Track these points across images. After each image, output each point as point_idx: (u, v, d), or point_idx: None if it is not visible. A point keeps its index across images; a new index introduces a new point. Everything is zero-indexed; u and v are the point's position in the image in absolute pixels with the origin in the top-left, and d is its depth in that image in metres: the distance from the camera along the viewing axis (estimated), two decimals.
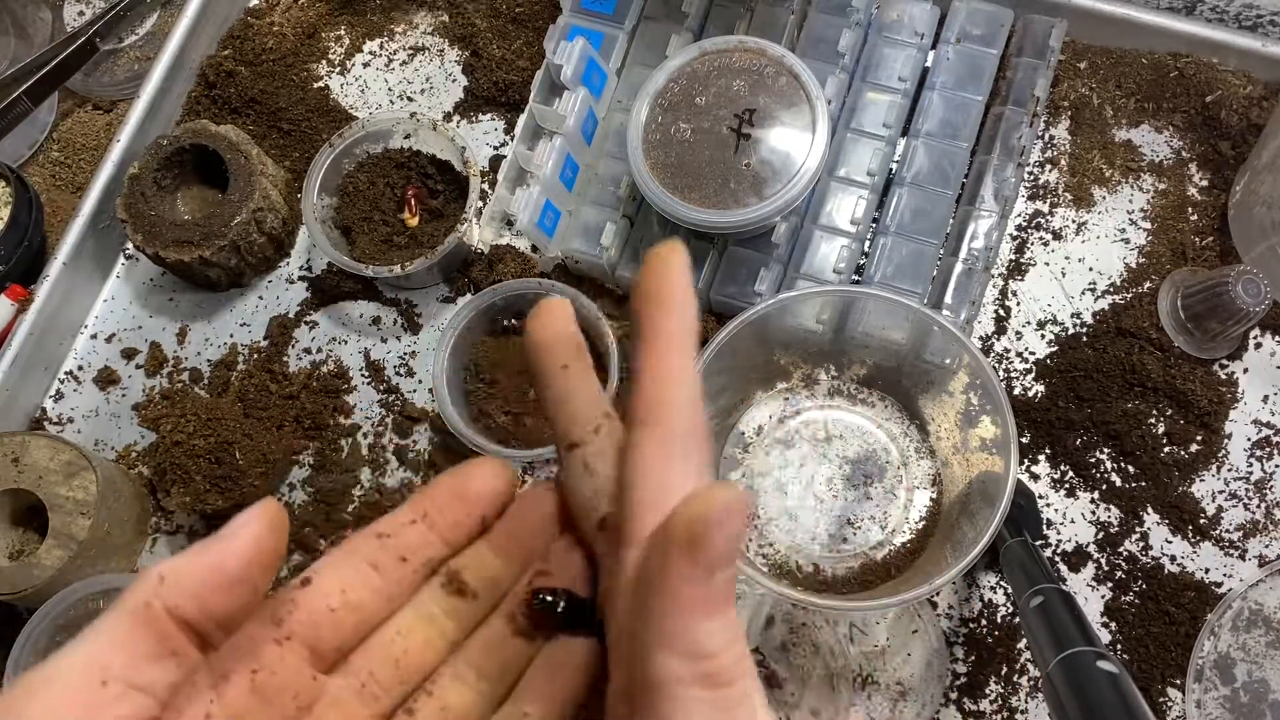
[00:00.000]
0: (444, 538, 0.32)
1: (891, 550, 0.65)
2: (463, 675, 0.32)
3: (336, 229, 0.74)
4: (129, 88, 0.83)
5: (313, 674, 0.30)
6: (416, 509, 0.32)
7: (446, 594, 0.32)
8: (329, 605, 0.30)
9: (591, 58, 0.70)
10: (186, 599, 0.27)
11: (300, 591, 0.30)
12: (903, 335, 0.63)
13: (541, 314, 0.33)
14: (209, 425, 0.66)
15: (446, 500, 0.32)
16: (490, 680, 0.32)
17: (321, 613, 0.30)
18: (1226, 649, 0.63)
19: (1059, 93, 0.73)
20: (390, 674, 0.32)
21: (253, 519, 0.28)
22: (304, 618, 0.30)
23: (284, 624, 0.30)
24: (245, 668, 0.29)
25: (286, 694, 0.30)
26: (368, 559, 0.31)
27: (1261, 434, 0.66)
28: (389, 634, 0.32)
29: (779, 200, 0.61)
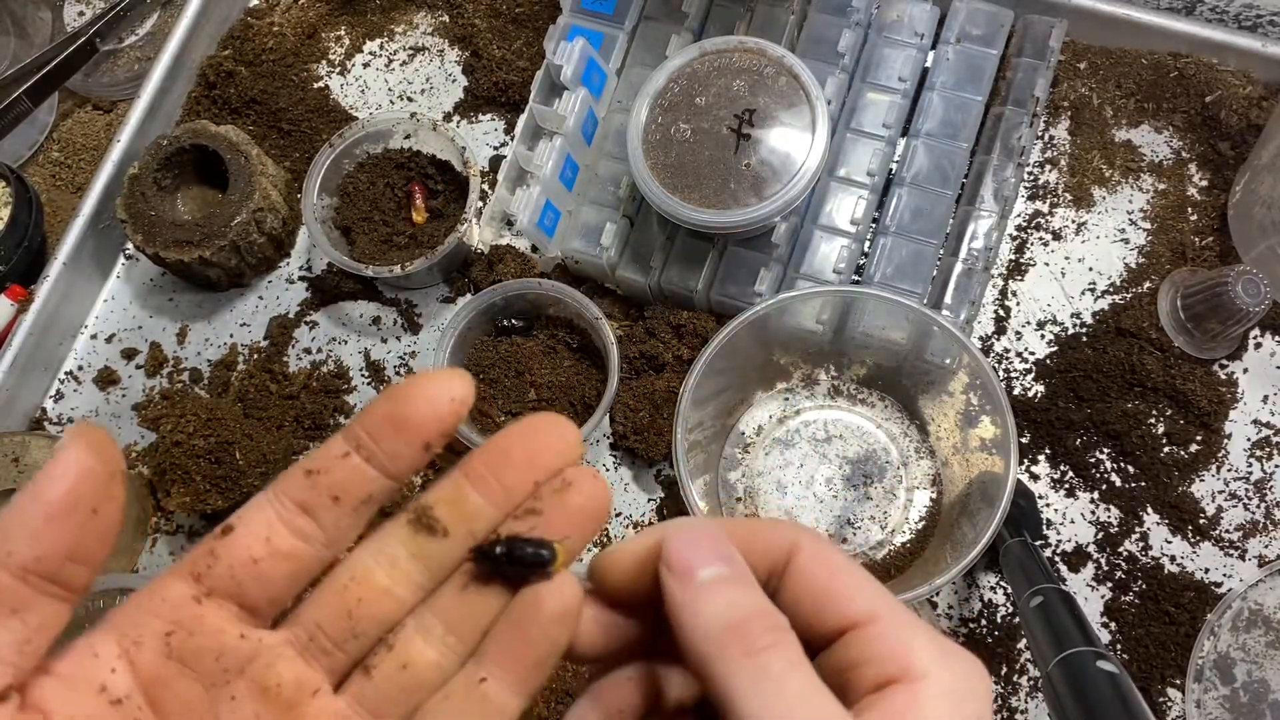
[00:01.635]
0: (383, 471, 0.28)
1: (891, 550, 0.65)
2: (428, 628, 0.28)
3: (336, 229, 0.74)
4: (129, 88, 0.83)
5: (240, 632, 0.27)
6: (350, 439, 0.28)
7: (413, 532, 0.28)
8: (252, 555, 0.27)
9: (591, 58, 0.70)
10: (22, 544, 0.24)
11: (220, 542, 0.27)
12: (903, 335, 0.63)
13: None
14: (209, 425, 0.66)
15: (382, 428, 0.27)
16: (460, 635, 0.28)
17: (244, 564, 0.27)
18: (1226, 649, 0.63)
19: (1059, 93, 0.73)
20: (342, 626, 0.28)
21: (68, 442, 0.25)
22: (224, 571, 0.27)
23: (202, 579, 0.27)
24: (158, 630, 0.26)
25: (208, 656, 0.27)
26: (296, 500, 0.28)
27: (1261, 434, 0.66)
28: (341, 580, 0.28)
29: (779, 200, 0.61)
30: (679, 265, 0.68)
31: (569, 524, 0.29)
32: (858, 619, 0.27)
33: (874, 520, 0.66)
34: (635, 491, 0.69)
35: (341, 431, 0.28)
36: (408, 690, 0.28)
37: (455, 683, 0.28)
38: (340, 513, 0.28)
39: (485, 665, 0.28)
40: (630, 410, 0.67)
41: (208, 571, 0.27)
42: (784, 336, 0.65)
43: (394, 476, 0.28)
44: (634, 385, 0.67)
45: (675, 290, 0.68)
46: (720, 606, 0.27)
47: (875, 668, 0.26)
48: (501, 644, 0.28)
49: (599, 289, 0.72)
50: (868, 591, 0.28)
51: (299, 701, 0.28)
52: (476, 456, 0.29)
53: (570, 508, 0.29)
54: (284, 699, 0.27)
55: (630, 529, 0.68)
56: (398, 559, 0.28)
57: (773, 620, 0.27)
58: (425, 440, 0.27)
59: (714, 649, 0.26)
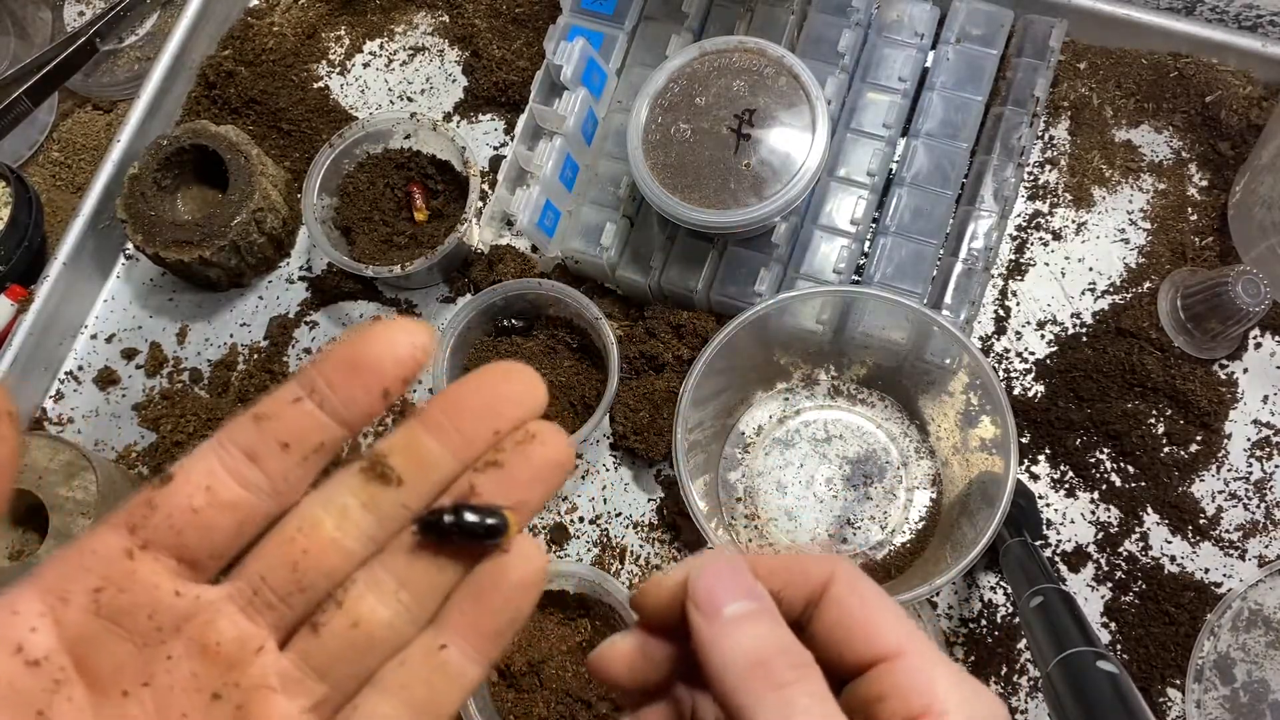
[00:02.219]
0: (337, 417, 0.26)
1: (891, 550, 0.65)
2: (380, 583, 0.27)
3: (336, 229, 0.74)
4: (129, 88, 0.83)
5: (176, 588, 0.25)
6: (304, 383, 0.26)
7: (365, 481, 0.26)
8: (192, 505, 0.25)
9: (591, 58, 0.70)
10: None
11: (158, 492, 0.25)
12: (903, 335, 0.63)
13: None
14: (209, 425, 0.66)
15: (338, 372, 0.26)
16: (415, 592, 0.27)
17: (184, 514, 0.25)
18: (1226, 649, 0.63)
19: (1059, 93, 0.73)
20: (287, 579, 0.26)
21: None
22: (162, 522, 0.25)
23: (138, 531, 0.25)
24: (86, 586, 0.25)
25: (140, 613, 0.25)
26: (243, 447, 0.26)
27: (1261, 434, 0.66)
28: (288, 531, 0.26)
29: (779, 200, 0.61)
30: (679, 265, 0.68)
31: (532, 477, 0.27)
32: (886, 652, 0.28)
33: (874, 520, 0.66)
34: (635, 491, 0.69)
35: (295, 375, 0.26)
36: (358, 649, 0.26)
37: (413, 648, 0.27)
38: (289, 461, 0.26)
39: (445, 632, 0.27)
40: (630, 410, 0.67)
41: (144, 522, 0.25)
42: (784, 336, 0.65)
43: (347, 424, 0.26)
44: (634, 385, 0.67)
45: (675, 290, 0.68)
46: (745, 642, 0.27)
47: (900, 702, 0.27)
48: (463, 612, 0.27)
49: (599, 289, 0.72)
50: (897, 626, 0.28)
51: (241, 660, 0.26)
52: (434, 403, 0.27)
53: (534, 460, 0.27)
54: (224, 657, 0.26)
55: (630, 529, 0.68)
56: (348, 509, 0.26)
57: (797, 656, 0.27)
58: (384, 385, 0.26)
59: (739, 683, 0.26)
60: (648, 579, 0.31)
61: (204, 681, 0.26)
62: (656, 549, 0.68)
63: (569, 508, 0.69)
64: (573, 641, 0.64)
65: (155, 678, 0.25)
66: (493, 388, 0.27)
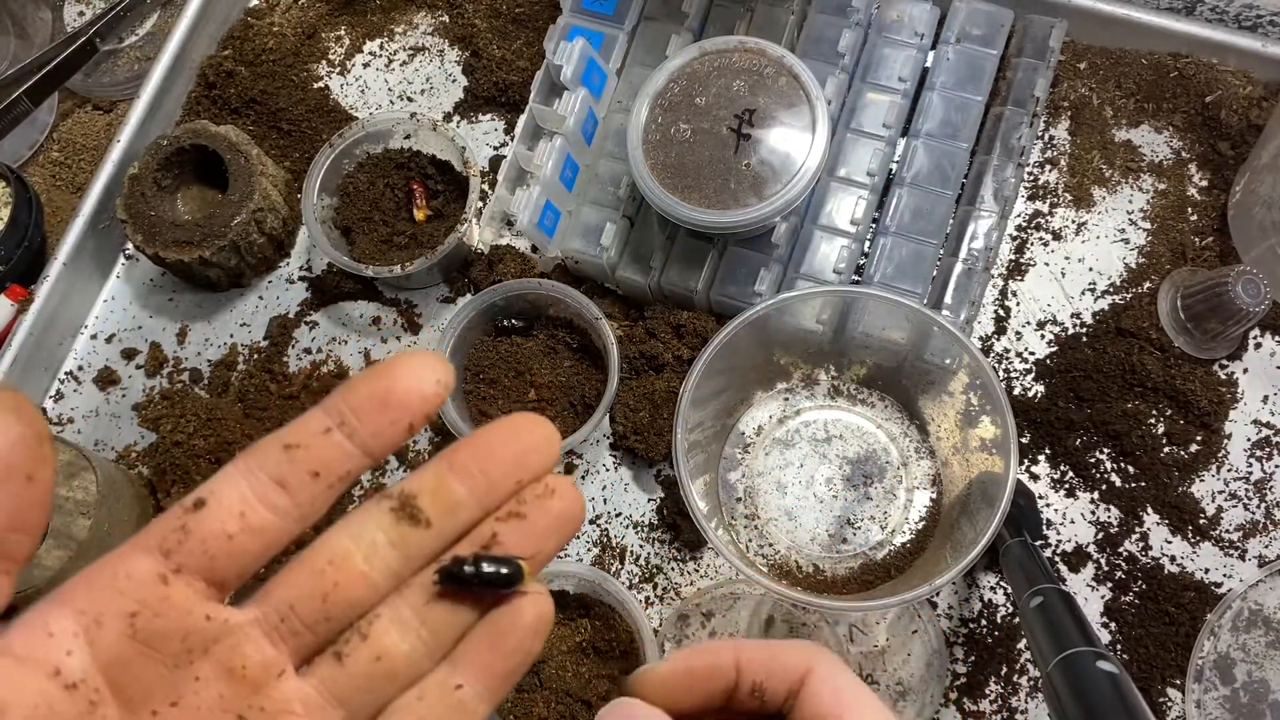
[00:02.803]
0: (364, 449, 0.27)
1: (891, 550, 0.65)
2: (404, 620, 0.28)
3: (336, 229, 0.74)
4: (129, 88, 0.83)
5: (207, 612, 0.26)
6: (332, 414, 0.27)
7: (395, 520, 0.28)
8: (226, 531, 0.26)
9: (591, 58, 0.70)
10: None
11: (192, 516, 0.26)
12: (903, 335, 0.63)
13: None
14: (209, 425, 0.66)
15: (366, 404, 0.27)
16: (434, 629, 0.28)
17: (218, 540, 0.26)
18: (1226, 649, 0.63)
19: (1059, 93, 0.73)
20: (316, 609, 0.27)
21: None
22: (196, 547, 0.26)
23: (171, 555, 0.26)
24: (121, 610, 0.25)
25: (174, 637, 0.26)
26: (273, 474, 0.27)
27: (1261, 434, 0.66)
28: (318, 563, 0.27)
29: (779, 200, 0.61)
30: (679, 265, 0.68)
31: (549, 529, 0.28)
32: None
33: (874, 520, 0.66)
34: (635, 491, 0.69)
35: (321, 406, 0.27)
36: (378, 681, 0.27)
37: (429, 685, 0.28)
38: (317, 488, 0.27)
39: (461, 672, 0.28)
40: (630, 410, 0.67)
41: (178, 547, 0.26)
42: (784, 336, 0.65)
43: (373, 455, 0.27)
44: (634, 385, 0.67)
45: (675, 290, 0.68)
46: None
47: None
48: (479, 653, 0.28)
49: (599, 289, 0.72)
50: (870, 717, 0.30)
51: (264, 683, 0.27)
52: (463, 448, 0.28)
53: (552, 513, 0.28)
54: (250, 680, 0.26)
55: (630, 529, 0.68)
56: (377, 545, 0.28)
57: None
58: (410, 420, 0.27)
59: None
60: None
61: (230, 703, 0.26)
62: (656, 549, 0.68)
63: None
64: (573, 641, 0.64)
65: (184, 698, 0.26)
66: (518, 438, 0.28)
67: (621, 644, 0.64)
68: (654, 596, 0.67)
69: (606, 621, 0.64)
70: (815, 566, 0.66)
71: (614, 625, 0.64)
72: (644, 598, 0.67)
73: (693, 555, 0.67)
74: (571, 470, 0.70)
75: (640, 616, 0.62)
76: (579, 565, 0.67)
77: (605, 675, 0.63)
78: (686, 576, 0.67)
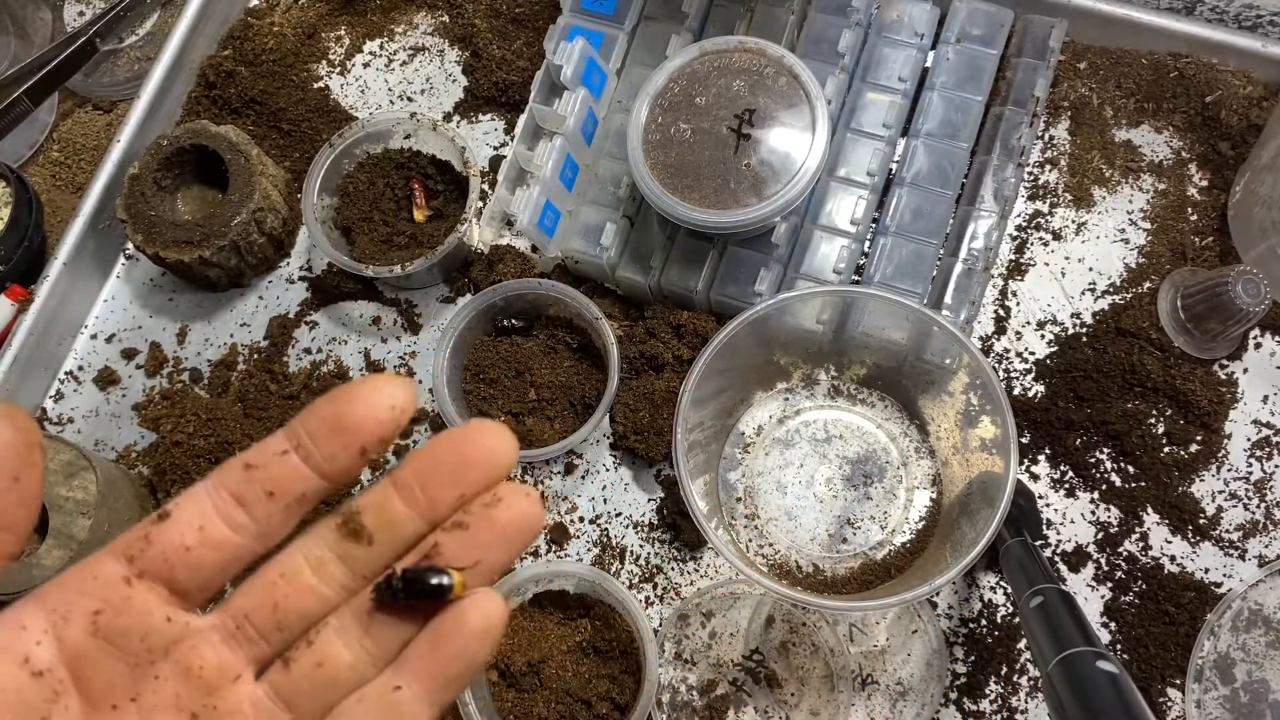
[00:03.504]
0: (319, 471, 0.28)
1: (891, 550, 0.65)
2: (347, 629, 0.29)
3: (336, 229, 0.74)
4: (129, 88, 0.83)
5: (167, 615, 0.28)
6: (291, 437, 0.28)
7: (340, 537, 0.29)
8: (185, 543, 0.28)
9: (591, 58, 0.70)
10: None
11: (155, 527, 0.28)
12: (903, 335, 0.63)
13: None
14: (209, 425, 0.66)
15: (322, 429, 0.28)
16: (377, 639, 0.29)
17: (176, 550, 0.28)
18: (1226, 649, 0.63)
19: (1059, 93, 0.73)
20: (268, 618, 0.29)
21: None
22: (157, 556, 0.28)
23: (135, 561, 0.28)
24: (86, 608, 0.27)
25: (134, 636, 0.28)
26: (233, 492, 0.28)
27: (1261, 434, 0.66)
28: (272, 575, 0.29)
29: (779, 200, 0.61)
30: (679, 265, 0.68)
31: (495, 540, 0.29)
32: None
33: (874, 520, 0.66)
34: (635, 491, 0.69)
35: (284, 428, 0.29)
36: (321, 687, 0.29)
37: (370, 688, 0.29)
38: (273, 508, 0.28)
39: (402, 674, 0.29)
40: (630, 410, 0.67)
41: (140, 554, 0.28)
42: (784, 336, 0.65)
43: (329, 478, 0.28)
44: (634, 385, 0.67)
45: (675, 290, 0.68)
46: None
47: None
48: (421, 656, 0.29)
49: (599, 289, 0.72)
50: None
51: (219, 685, 0.28)
52: (407, 464, 0.29)
53: (497, 524, 0.29)
54: (205, 682, 0.28)
55: (630, 529, 0.68)
56: (325, 560, 0.29)
57: None
58: (362, 445, 0.28)
59: None
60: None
61: (185, 702, 0.28)
62: (656, 549, 0.68)
63: (569, 507, 0.69)
64: (573, 641, 0.64)
65: (142, 695, 0.28)
66: (462, 451, 0.29)
67: (621, 644, 0.64)
68: (654, 596, 0.67)
69: (606, 621, 0.64)
70: (815, 566, 0.66)
71: (614, 625, 0.64)
72: (644, 598, 0.67)
73: (693, 555, 0.67)
74: (571, 470, 0.70)
75: (640, 616, 0.62)
76: (579, 565, 0.67)
77: (605, 675, 0.63)
78: (686, 576, 0.67)
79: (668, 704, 0.64)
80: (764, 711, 0.64)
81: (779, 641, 0.65)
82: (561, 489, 0.70)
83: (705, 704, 0.64)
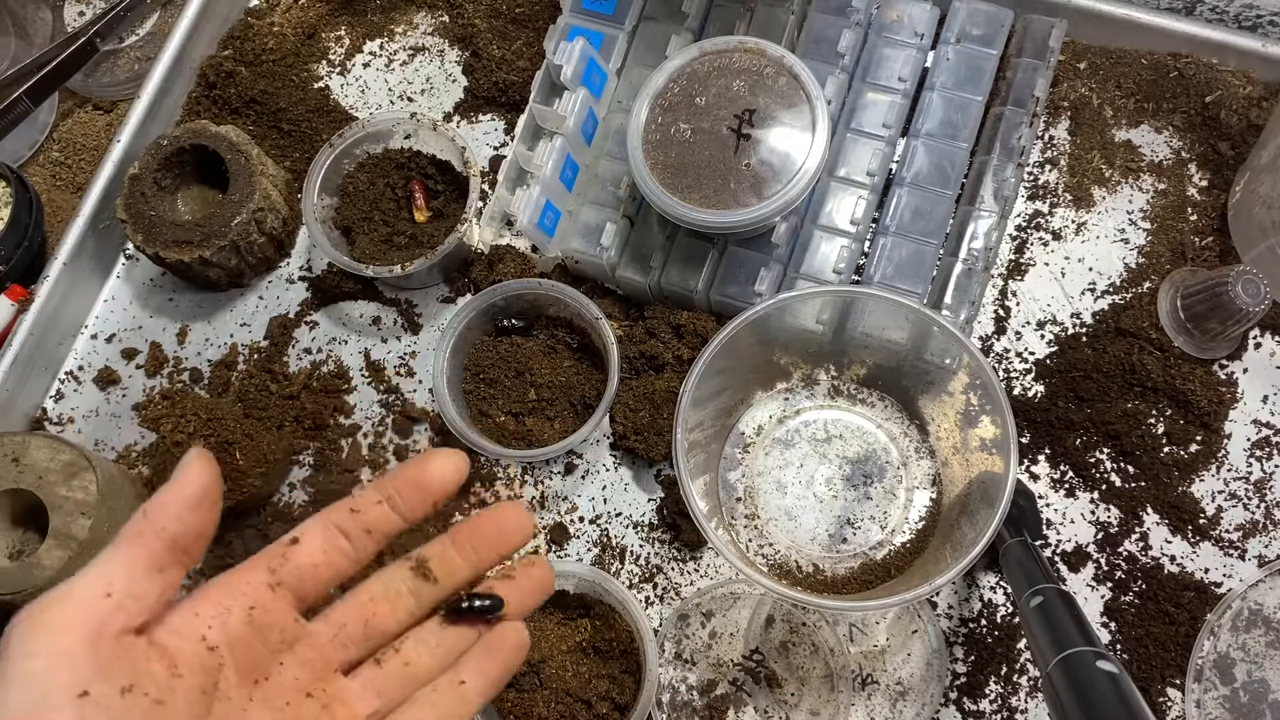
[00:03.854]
0: (403, 517, 0.40)
1: (891, 550, 0.65)
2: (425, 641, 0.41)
3: (337, 229, 0.74)
4: (129, 88, 0.83)
5: (295, 617, 0.38)
6: (383, 491, 0.40)
7: (414, 575, 0.41)
8: (313, 561, 0.38)
9: (591, 58, 0.70)
10: (171, 521, 0.35)
11: (290, 548, 0.39)
12: (903, 335, 0.63)
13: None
14: (209, 425, 0.66)
15: (407, 488, 0.40)
16: (447, 649, 0.41)
17: (307, 567, 0.38)
18: (1226, 649, 0.63)
19: (1059, 93, 0.73)
20: (360, 629, 0.40)
21: (194, 456, 0.37)
22: (293, 569, 0.38)
23: (276, 573, 0.38)
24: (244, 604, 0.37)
25: (274, 630, 0.38)
26: (341, 527, 0.39)
27: (1261, 434, 0.66)
28: (364, 597, 0.40)
29: (779, 200, 0.61)
30: (679, 265, 0.68)
31: (530, 589, 0.43)
32: None
33: (874, 520, 0.66)
34: (635, 491, 0.69)
35: (376, 484, 0.40)
36: (405, 681, 0.40)
37: (441, 680, 0.40)
38: (369, 541, 0.40)
39: (463, 673, 0.41)
40: (630, 410, 0.67)
41: (280, 568, 0.38)
42: (784, 336, 0.65)
43: (407, 521, 0.40)
44: (634, 385, 0.67)
45: (675, 290, 0.68)
46: None
47: None
48: (477, 660, 0.41)
49: (599, 289, 0.72)
50: None
51: (325, 675, 0.39)
52: (462, 530, 0.42)
53: (533, 578, 0.43)
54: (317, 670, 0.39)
55: (630, 529, 0.68)
56: (401, 591, 0.41)
57: None
58: (435, 500, 0.40)
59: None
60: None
61: (302, 684, 0.38)
62: (656, 549, 0.68)
63: (569, 508, 0.69)
64: (573, 641, 0.64)
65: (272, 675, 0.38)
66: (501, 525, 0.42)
67: (621, 644, 0.64)
68: (654, 596, 0.67)
69: (606, 621, 0.64)
70: (815, 566, 0.66)
71: (614, 625, 0.64)
72: (644, 598, 0.67)
73: (693, 555, 0.67)
74: (571, 470, 0.70)
75: (640, 616, 0.62)
76: (579, 565, 0.67)
77: (605, 675, 0.63)
78: (686, 576, 0.67)
79: (668, 704, 0.64)
80: (764, 711, 0.64)
81: (779, 641, 0.65)
82: (561, 489, 0.70)
83: (705, 704, 0.64)
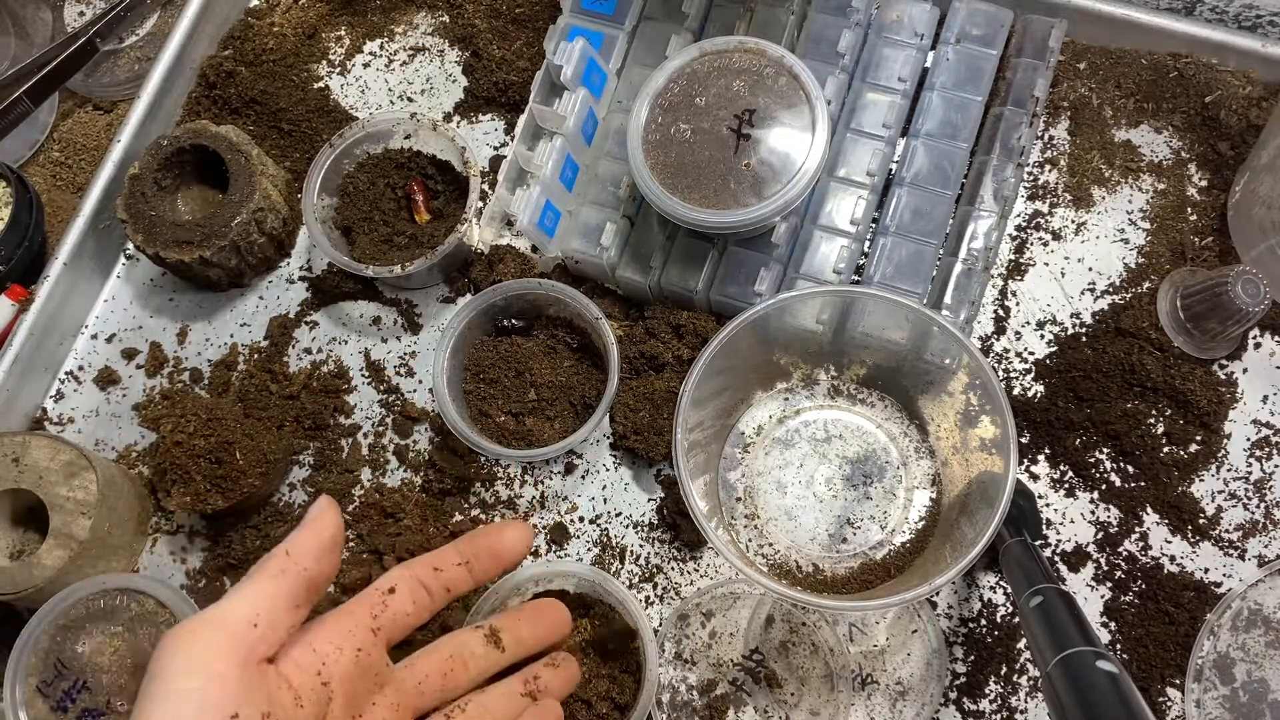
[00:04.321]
0: (475, 577, 0.49)
1: (891, 550, 0.65)
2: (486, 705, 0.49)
3: (337, 229, 0.74)
4: (129, 88, 0.83)
5: (387, 661, 0.46)
6: (463, 554, 0.49)
7: (486, 641, 0.50)
8: (405, 610, 0.46)
9: (591, 58, 0.70)
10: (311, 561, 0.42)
11: (389, 597, 0.46)
12: (903, 335, 0.63)
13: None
14: (209, 425, 0.66)
15: (483, 554, 0.49)
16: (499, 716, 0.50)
17: (400, 615, 0.46)
18: (1226, 649, 0.63)
19: (1059, 93, 0.73)
20: (439, 682, 0.48)
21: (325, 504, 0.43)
22: (390, 617, 0.45)
23: (378, 619, 0.45)
24: (354, 645, 0.44)
25: (372, 672, 0.44)
26: (424, 582, 0.47)
27: (1261, 434, 0.66)
28: (445, 653, 0.48)
29: (779, 200, 0.61)
30: (679, 265, 0.68)
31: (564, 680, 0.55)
32: None
33: (874, 520, 0.66)
34: (635, 491, 0.69)
35: (455, 546, 0.49)
36: None
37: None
38: (446, 597, 0.48)
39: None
40: (630, 410, 0.67)
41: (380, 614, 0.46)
42: (784, 336, 0.65)
43: (479, 580, 0.49)
44: (634, 385, 0.67)
45: (675, 290, 0.68)
46: None
47: None
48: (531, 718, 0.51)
49: (599, 289, 0.72)
50: None
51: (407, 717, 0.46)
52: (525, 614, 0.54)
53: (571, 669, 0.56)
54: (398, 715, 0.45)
55: (630, 529, 0.68)
56: (475, 654, 0.49)
57: None
58: (504, 566, 0.50)
59: None
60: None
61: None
62: (656, 549, 0.68)
63: (569, 508, 0.69)
64: (573, 641, 0.64)
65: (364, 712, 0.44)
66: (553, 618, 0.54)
67: (621, 644, 0.64)
68: (654, 596, 0.67)
69: (606, 621, 0.64)
70: (815, 566, 0.66)
71: (614, 625, 0.64)
72: (644, 598, 0.67)
73: (693, 555, 0.68)
74: (571, 470, 0.70)
75: (640, 616, 0.62)
76: (579, 565, 0.67)
77: (605, 675, 0.63)
78: (686, 576, 0.67)
79: (668, 704, 0.64)
80: (764, 711, 0.64)
81: (779, 641, 0.65)
82: (561, 489, 0.70)
83: (705, 704, 0.64)
